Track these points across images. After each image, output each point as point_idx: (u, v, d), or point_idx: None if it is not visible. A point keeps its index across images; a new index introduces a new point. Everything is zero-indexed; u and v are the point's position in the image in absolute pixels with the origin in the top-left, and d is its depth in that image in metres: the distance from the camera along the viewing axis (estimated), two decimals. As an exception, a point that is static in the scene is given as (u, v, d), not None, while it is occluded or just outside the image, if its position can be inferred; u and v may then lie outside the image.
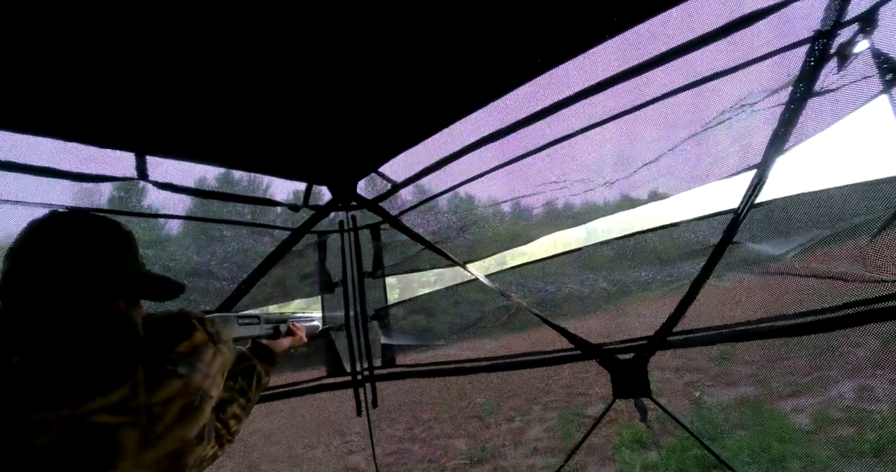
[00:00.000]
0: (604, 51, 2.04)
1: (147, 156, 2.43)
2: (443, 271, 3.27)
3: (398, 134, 2.54)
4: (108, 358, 0.89)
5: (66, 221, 1.03)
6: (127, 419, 0.84)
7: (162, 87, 1.86)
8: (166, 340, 0.98)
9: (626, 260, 2.68)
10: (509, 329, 3.02)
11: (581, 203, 2.61)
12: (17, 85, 1.71)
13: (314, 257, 3.24)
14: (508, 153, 2.62)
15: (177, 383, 0.92)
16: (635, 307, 2.64)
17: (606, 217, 2.57)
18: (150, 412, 0.87)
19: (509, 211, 2.92)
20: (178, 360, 0.95)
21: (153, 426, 0.87)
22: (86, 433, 0.81)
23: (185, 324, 1.03)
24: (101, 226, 1.06)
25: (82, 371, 0.85)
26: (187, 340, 1.00)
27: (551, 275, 2.88)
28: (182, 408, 0.92)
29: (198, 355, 1.00)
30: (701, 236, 2.47)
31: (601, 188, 2.52)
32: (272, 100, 2.06)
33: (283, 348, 1.63)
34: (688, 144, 2.31)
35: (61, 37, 1.51)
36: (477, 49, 1.92)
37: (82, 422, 0.81)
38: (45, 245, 0.98)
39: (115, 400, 0.84)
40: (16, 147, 2.06)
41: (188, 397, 0.93)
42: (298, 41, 1.70)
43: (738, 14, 1.95)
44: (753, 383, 8.33)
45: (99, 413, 0.82)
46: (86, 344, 0.90)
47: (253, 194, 3.05)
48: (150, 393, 0.88)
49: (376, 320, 3.29)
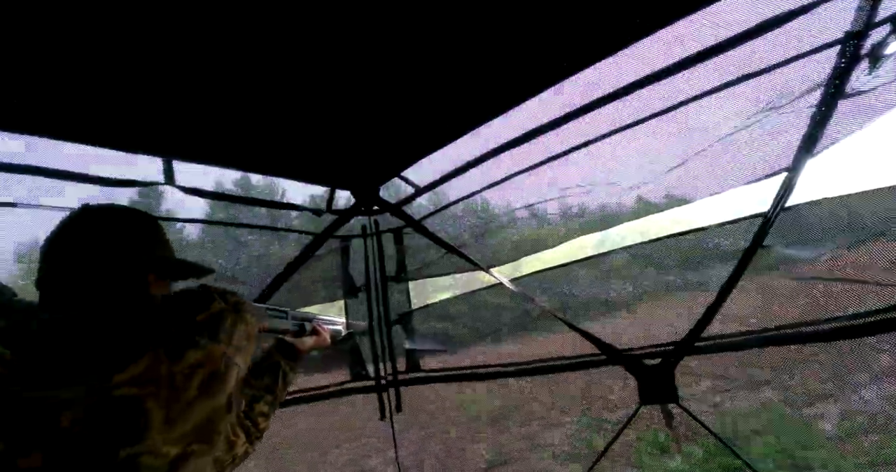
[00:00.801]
0: (630, 54, 2.04)
1: (174, 160, 2.47)
2: (458, 274, 3.27)
3: (421, 138, 2.55)
4: (127, 331, 0.89)
5: (97, 211, 1.10)
6: (151, 390, 0.83)
7: (189, 93, 1.89)
8: (186, 310, 0.98)
9: (653, 264, 2.66)
10: (529, 330, 3.02)
11: (607, 207, 2.60)
12: (48, 91, 1.75)
13: (337, 262, 3.25)
14: (533, 157, 2.61)
15: (199, 352, 0.91)
16: (662, 312, 2.62)
17: (632, 222, 2.55)
18: (173, 382, 0.86)
19: (534, 215, 2.91)
20: (196, 329, 0.95)
21: (178, 396, 0.86)
22: (111, 408, 0.80)
23: (204, 295, 1.03)
24: (129, 214, 1.13)
25: (102, 346, 0.85)
26: (206, 310, 0.99)
27: (576, 279, 2.86)
28: (206, 376, 0.91)
29: (218, 323, 0.99)
30: (729, 241, 2.44)
31: (627, 192, 2.51)
32: (296, 105, 2.08)
33: (306, 347, 1.63)
34: (715, 148, 2.29)
35: (92, 45, 1.54)
36: (502, 54, 1.92)
37: (107, 397, 0.80)
38: (76, 232, 1.05)
39: (137, 372, 0.83)
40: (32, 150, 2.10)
41: (212, 365, 0.93)
42: (323, 47, 1.71)
43: (767, 16, 1.93)
44: (775, 387, 8.20)
45: (122, 386, 0.81)
46: (105, 320, 0.91)
47: (272, 198, 3.06)
48: (173, 362, 0.86)
49: (400, 325, 3.30)
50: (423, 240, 3.08)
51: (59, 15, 1.40)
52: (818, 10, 1.87)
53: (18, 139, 2.00)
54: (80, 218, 1.08)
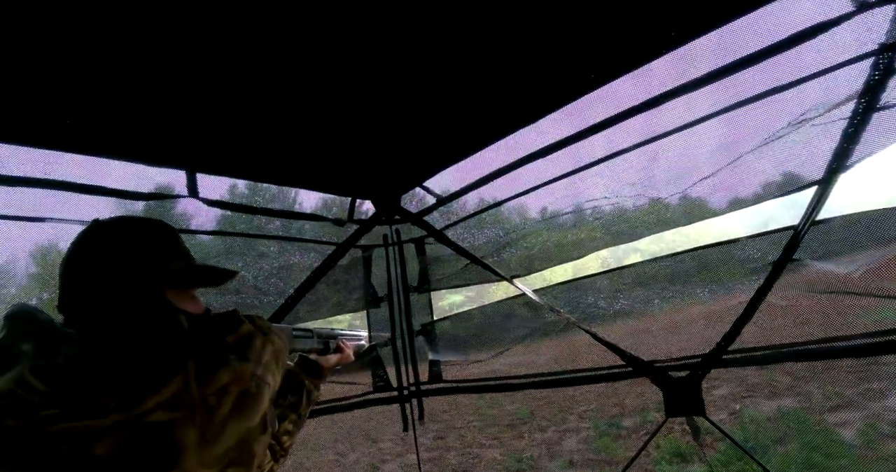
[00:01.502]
0: (656, 67, 2.02)
1: (197, 173, 2.49)
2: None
3: (444, 149, 2.55)
4: (155, 355, 0.89)
5: (107, 226, 1.08)
6: (183, 414, 0.82)
7: (213, 107, 1.92)
8: (215, 332, 0.98)
9: (680, 277, 2.63)
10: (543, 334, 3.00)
11: (633, 218, 2.57)
12: (73, 106, 1.78)
13: (359, 272, 3.26)
14: (557, 168, 2.60)
15: (229, 372, 0.90)
16: (689, 324, 2.60)
17: (659, 233, 2.53)
18: (206, 403, 0.85)
19: (558, 226, 2.89)
20: (226, 349, 0.94)
21: (211, 418, 0.85)
22: (144, 435, 0.79)
23: (232, 318, 1.03)
24: (140, 226, 1.10)
25: (131, 372, 0.85)
26: (234, 332, 1.00)
27: (603, 290, 2.84)
28: (238, 397, 0.91)
29: (248, 344, 0.99)
30: (759, 253, 2.41)
31: (655, 204, 2.48)
32: (317, 117, 2.09)
33: (330, 364, 1.63)
34: (746, 160, 2.26)
35: (120, 64, 1.57)
36: (528, 65, 1.91)
37: (138, 424, 0.79)
38: (87, 251, 1.03)
39: (167, 396, 0.82)
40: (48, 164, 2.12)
41: (243, 384, 0.92)
42: (346, 59, 1.72)
43: (799, 28, 1.90)
44: (795, 394, 8.09)
45: (154, 412, 0.81)
46: (134, 344, 0.91)
47: (284, 203, 3.08)
48: (203, 385, 0.86)
49: (422, 335, 3.29)
50: (445, 250, 3.08)
51: (89, 34, 1.43)
52: (852, 22, 1.83)
53: (45, 153, 2.04)
54: (91, 235, 1.06)
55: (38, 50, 1.47)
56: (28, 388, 0.82)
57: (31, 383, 0.83)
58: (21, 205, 2.22)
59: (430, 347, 3.28)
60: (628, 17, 1.71)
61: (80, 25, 1.40)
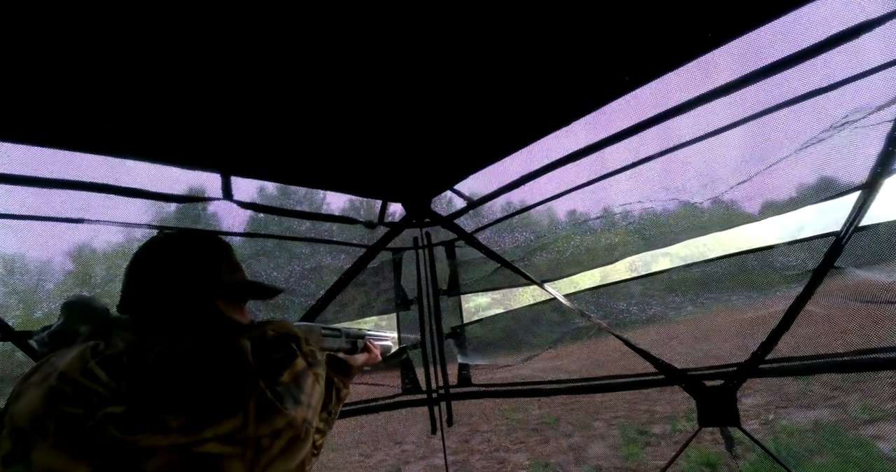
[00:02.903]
0: (695, 67, 1.98)
1: (231, 176, 2.53)
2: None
3: (475, 152, 2.54)
4: (223, 388, 0.90)
5: (175, 236, 1.18)
6: (235, 451, 0.85)
7: (246, 110, 1.95)
8: (271, 368, 0.99)
9: (714, 283, 2.58)
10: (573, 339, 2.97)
11: (668, 222, 2.53)
12: (113, 111, 1.83)
13: (389, 275, 3.27)
14: (588, 172, 2.57)
15: (284, 419, 0.93)
16: (724, 332, 2.54)
17: (695, 239, 2.48)
18: (259, 444, 0.88)
19: (589, 231, 2.86)
20: (283, 393, 0.96)
21: (259, 458, 0.88)
22: (193, 462, 0.82)
23: (286, 349, 1.05)
24: (200, 241, 1.19)
25: (198, 399, 0.87)
26: (289, 368, 1.02)
27: (635, 296, 2.80)
28: (288, 441, 0.93)
29: (300, 385, 1.01)
30: (798, 261, 2.34)
31: (690, 209, 2.44)
32: (349, 120, 2.11)
33: (358, 363, 1.64)
34: (784, 164, 2.20)
35: (157, 68, 1.61)
36: (563, 67, 1.90)
37: (190, 451, 0.82)
38: (155, 254, 1.13)
39: (225, 431, 0.85)
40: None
41: (295, 430, 0.94)
42: (377, 63, 1.73)
43: (841, 28, 1.85)
44: (831, 406, 7.85)
45: (208, 443, 0.83)
46: (202, 369, 0.92)
47: (311, 203, 3.10)
48: (259, 425, 0.89)
49: (451, 338, 3.29)
50: (475, 253, 3.07)
51: (131, 42, 1.48)
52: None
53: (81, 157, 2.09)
54: (157, 243, 1.15)
55: (81, 56, 1.51)
56: (92, 377, 0.86)
57: (95, 372, 0.87)
58: (61, 207, 2.29)
59: (460, 350, 3.28)
60: (664, 18, 1.69)
61: (124, 34, 1.44)
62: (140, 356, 0.91)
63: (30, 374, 0.94)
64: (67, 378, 0.86)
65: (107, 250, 9.45)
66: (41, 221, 2.30)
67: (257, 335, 1.06)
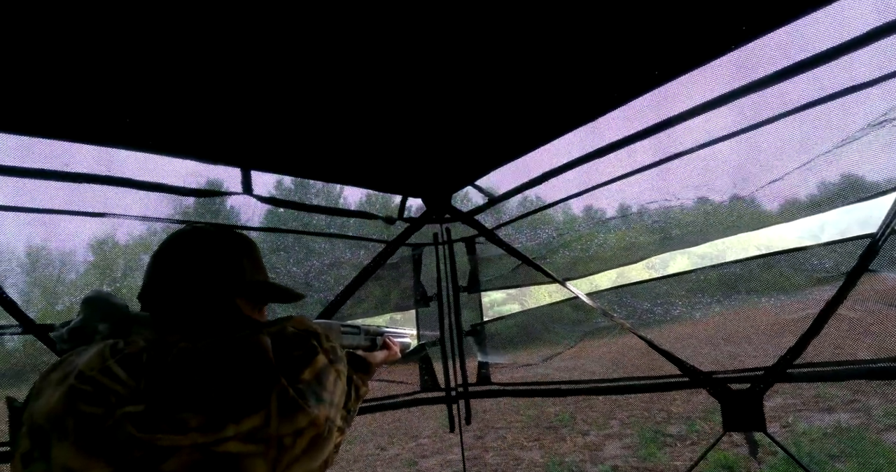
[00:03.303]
0: (728, 61, 1.92)
1: (252, 171, 2.52)
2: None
3: (499, 147, 2.50)
4: (243, 384, 0.88)
5: (201, 231, 1.16)
6: (257, 449, 0.83)
7: (266, 105, 1.94)
8: (293, 366, 0.96)
9: (743, 284, 2.51)
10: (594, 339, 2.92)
11: (694, 223, 2.47)
12: (134, 106, 1.82)
13: (409, 271, 3.24)
14: (615, 169, 2.51)
15: (307, 417, 0.90)
16: (751, 335, 2.47)
17: (725, 239, 2.41)
18: (281, 443, 0.86)
19: (614, 229, 2.81)
20: (305, 390, 0.93)
21: (282, 457, 0.86)
22: (214, 462, 0.80)
23: (307, 346, 1.01)
24: (224, 238, 1.18)
25: (218, 397, 0.85)
26: (310, 366, 0.98)
27: (660, 296, 2.74)
28: (311, 440, 0.91)
29: (322, 383, 0.99)
30: (830, 263, 2.27)
31: (717, 207, 2.38)
32: (369, 114, 2.08)
33: (377, 361, 1.61)
34: (819, 162, 2.13)
35: (175, 62, 1.59)
36: (590, 59, 1.84)
37: (211, 450, 0.80)
38: (179, 248, 1.11)
39: (246, 429, 0.83)
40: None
41: (318, 429, 0.92)
42: (398, 56, 1.70)
43: (883, 21, 1.78)
44: (852, 410, 7.71)
45: (230, 442, 0.81)
46: (222, 366, 0.90)
47: (328, 197, 3.08)
48: (282, 424, 0.86)
49: (471, 336, 3.26)
50: (496, 250, 3.03)
51: (150, 36, 1.46)
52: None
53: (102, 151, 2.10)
54: (183, 237, 1.14)
55: (106, 52, 1.50)
56: (111, 376, 0.84)
57: (114, 371, 0.85)
58: (81, 202, 2.30)
59: (480, 348, 3.24)
60: (699, 9, 1.63)
61: (147, 30, 1.42)
62: (160, 354, 0.89)
63: (49, 371, 0.93)
64: (86, 377, 0.84)
65: (128, 242, 9.57)
66: (65, 214, 2.31)
67: (277, 332, 1.03)
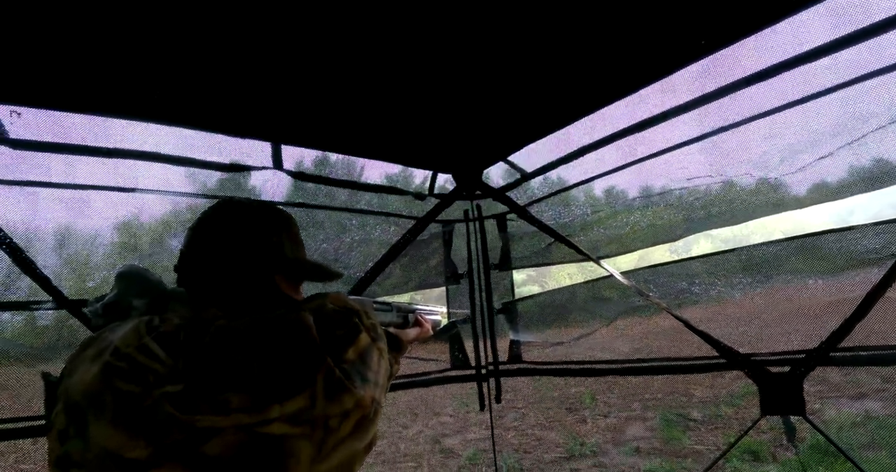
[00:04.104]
0: (780, 30, 1.82)
1: (282, 145, 2.50)
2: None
3: (530, 122, 2.44)
4: (287, 363, 0.85)
5: (234, 206, 1.13)
6: (302, 431, 0.81)
7: (298, 81, 1.91)
8: (337, 345, 0.93)
9: (786, 264, 2.43)
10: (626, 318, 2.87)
11: (738, 201, 2.38)
12: (164, 80, 1.81)
13: (439, 248, 3.21)
14: (652, 145, 2.44)
15: (353, 398, 0.88)
16: (793, 316, 2.41)
17: (766, 217, 2.33)
18: (327, 424, 0.84)
19: (651, 206, 2.74)
20: (350, 370, 0.91)
21: (328, 439, 0.84)
22: (257, 444, 0.78)
23: (349, 324, 0.99)
24: (263, 212, 1.15)
25: (262, 377, 0.82)
26: (353, 344, 0.95)
27: (698, 275, 2.67)
28: (357, 422, 0.89)
29: (366, 362, 0.96)
30: (879, 244, 2.18)
31: (763, 185, 2.29)
32: (400, 88, 2.04)
33: (409, 338, 1.59)
34: (871, 139, 2.03)
35: (204, 36, 1.58)
36: (626, 32, 1.76)
37: (254, 431, 0.78)
38: (212, 226, 1.08)
39: (291, 410, 0.80)
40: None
41: (364, 410, 0.90)
42: (428, 32, 1.65)
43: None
44: (884, 398, 7.56)
45: (274, 423, 0.79)
46: (264, 345, 0.87)
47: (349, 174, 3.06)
48: (328, 405, 0.84)
49: (503, 314, 3.24)
50: (528, 227, 2.98)
51: (177, 11, 1.44)
52: None
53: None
54: (221, 210, 1.11)
55: (129, 22, 1.47)
56: (149, 353, 0.82)
57: (151, 348, 0.83)
58: (105, 177, 2.31)
59: (511, 326, 3.22)
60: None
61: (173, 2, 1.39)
62: (198, 332, 0.87)
63: (84, 347, 0.92)
64: (122, 354, 0.83)
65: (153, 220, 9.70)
66: (96, 190, 2.31)
67: (316, 308, 1.00)
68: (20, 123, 1.97)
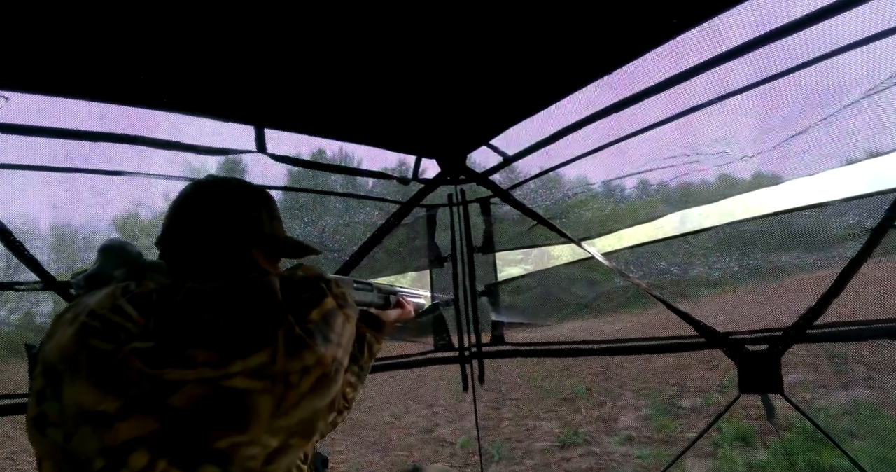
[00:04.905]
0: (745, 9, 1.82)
1: (266, 129, 2.51)
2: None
3: (511, 105, 2.46)
4: (251, 321, 0.89)
5: (214, 183, 1.17)
6: (263, 385, 0.84)
7: (280, 63, 1.92)
8: (301, 306, 0.97)
9: (762, 242, 2.45)
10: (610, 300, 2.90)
11: (714, 180, 2.41)
12: (146, 62, 1.82)
13: (423, 232, 3.23)
14: (631, 125, 2.45)
15: (314, 355, 0.91)
16: (771, 294, 2.44)
17: (742, 195, 2.35)
18: (287, 380, 0.87)
19: (631, 188, 2.76)
20: (312, 329, 0.94)
21: (288, 395, 0.87)
22: (220, 396, 0.81)
23: (315, 288, 1.02)
24: (242, 189, 1.19)
25: (226, 334, 0.85)
26: (318, 307, 0.98)
27: (678, 255, 2.70)
28: (317, 379, 0.91)
29: (330, 324, 0.99)
30: (854, 219, 2.21)
31: (738, 163, 2.31)
32: (382, 74, 2.05)
33: (390, 319, 1.62)
34: (844, 114, 2.05)
35: (188, 19, 1.58)
36: (596, 13, 1.77)
37: (218, 384, 0.81)
38: (193, 202, 1.13)
39: (253, 365, 0.84)
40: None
41: (324, 367, 0.93)
42: (408, 15, 1.66)
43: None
44: (871, 387, 7.61)
45: (236, 377, 0.82)
46: (230, 304, 0.90)
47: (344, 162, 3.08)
48: (288, 361, 0.87)
49: (486, 296, 3.26)
50: (511, 211, 3.00)
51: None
52: None
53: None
54: (202, 187, 1.15)
55: (111, 4, 1.48)
56: (121, 313, 0.86)
57: (125, 308, 0.87)
58: (98, 160, 2.32)
59: (494, 308, 3.24)
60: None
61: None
62: (169, 294, 0.90)
63: (62, 313, 0.95)
64: (97, 314, 0.86)
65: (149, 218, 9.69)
66: (84, 173, 2.32)
67: (286, 276, 1.03)
68: (7, 107, 1.98)
